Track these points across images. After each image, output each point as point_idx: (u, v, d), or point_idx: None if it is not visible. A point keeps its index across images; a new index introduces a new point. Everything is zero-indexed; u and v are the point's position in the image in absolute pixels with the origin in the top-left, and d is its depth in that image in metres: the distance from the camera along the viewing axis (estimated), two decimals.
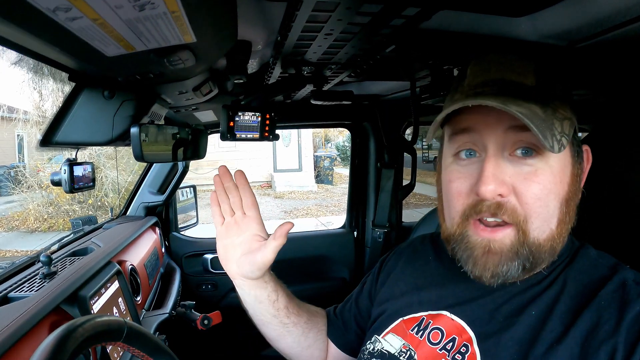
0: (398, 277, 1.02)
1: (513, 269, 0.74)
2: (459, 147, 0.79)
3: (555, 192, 0.73)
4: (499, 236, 0.74)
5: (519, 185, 0.72)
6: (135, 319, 1.55)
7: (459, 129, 0.78)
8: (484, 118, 0.74)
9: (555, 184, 0.73)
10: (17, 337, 0.95)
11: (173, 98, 1.34)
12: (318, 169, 16.13)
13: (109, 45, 0.63)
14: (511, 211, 0.73)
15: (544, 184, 0.72)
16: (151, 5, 0.48)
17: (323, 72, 1.27)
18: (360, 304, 1.12)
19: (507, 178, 0.73)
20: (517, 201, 0.73)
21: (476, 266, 0.76)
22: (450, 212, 0.81)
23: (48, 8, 0.45)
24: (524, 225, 0.73)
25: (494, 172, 0.72)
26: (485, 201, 0.73)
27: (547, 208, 0.73)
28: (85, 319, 0.71)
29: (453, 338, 0.80)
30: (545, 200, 0.72)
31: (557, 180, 0.73)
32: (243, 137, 1.38)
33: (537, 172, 0.72)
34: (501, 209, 0.72)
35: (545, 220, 0.73)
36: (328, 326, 1.16)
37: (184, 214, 2.85)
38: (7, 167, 13.66)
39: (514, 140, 0.72)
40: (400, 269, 1.03)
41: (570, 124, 0.74)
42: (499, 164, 0.73)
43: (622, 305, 0.69)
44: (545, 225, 0.74)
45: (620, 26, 0.73)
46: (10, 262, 1.53)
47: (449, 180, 0.81)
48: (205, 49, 0.78)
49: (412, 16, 0.79)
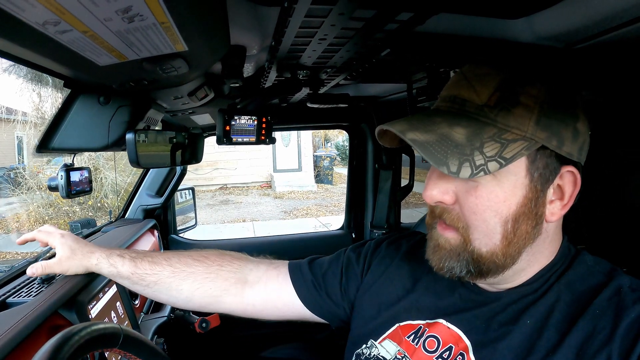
0: (394, 277, 1.01)
1: (457, 268, 0.77)
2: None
3: (494, 210, 0.73)
4: (448, 235, 0.78)
5: (461, 196, 0.75)
6: (133, 323, 1.55)
7: None
8: None
9: (497, 202, 0.73)
10: (15, 342, 0.95)
11: (169, 103, 1.34)
12: (318, 168, 16.11)
13: (101, 55, 0.63)
14: (455, 218, 0.76)
15: (481, 201, 0.73)
16: (140, 17, 0.47)
17: (319, 75, 1.27)
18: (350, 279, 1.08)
19: (453, 187, 0.75)
20: (460, 211, 0.76)
21: (430, 256, 0.82)
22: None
23: (37, 22, 0.45)
24: (464, 233, 0.76)
25: (437, 181, 0.76)
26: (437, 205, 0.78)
27: (484, 223, 0.74)
28: (81, 327, 0.72)
29: (450, 347, 0.80)
30: (482, 215, 0.73)
31: (499, 199, 0.72)
32: (239, 141, 1.38)
33: (478, 188, 0.73)
34: (445, 214, 0.77)
35: (485, 234, 0.74)
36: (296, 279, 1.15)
37: (183, 216, 2.85)
38: (7, 168, 13.64)
39: None
40: (396, 269, 1.02)
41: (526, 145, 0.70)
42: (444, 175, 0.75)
43: (617, 312, 0.69)
44: (487, 239, 0.74)
45: (617, 28, 0.73)
46: (9, 265, 1.52)
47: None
48: (198, 57, 0.78)
49: (406, 21, 0.79)
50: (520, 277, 0.80)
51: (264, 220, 10.80)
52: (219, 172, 15.01)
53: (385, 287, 1.00)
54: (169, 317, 1.80)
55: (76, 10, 0.43)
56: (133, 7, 0.44)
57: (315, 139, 18.84)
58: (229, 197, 13.97)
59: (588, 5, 0.69)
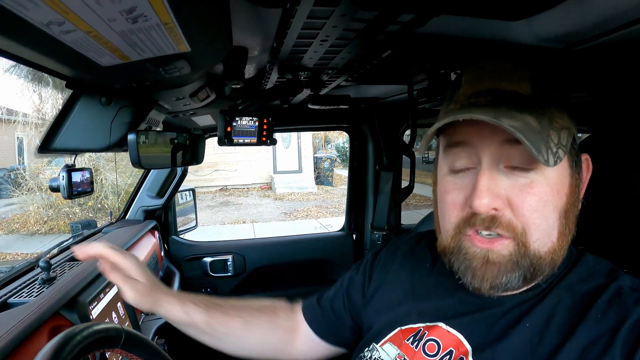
0: (394, 281, 1.00)
1: (513, 280, 0.73)
2: (454, 159, 0.77)
3: (553, 204, 0.71)
4: (497, 247, 0.72)
5: (514, 198, 0.71)
6: (134, 324, 1.55)
7: (454, 142, 0.77)
8: (477, 131, 0.72)
9: (553, 195, 0.71)
10: (16, 343, 0.95)
11: (170, 104, 1.34)
12: (318, 170, 16.12)
13: (104, 55, 0.63)
14: (506, 224, 0.71)
15: (540, 196, 0.71)
16: (144, 17, 0.48)
17: (320, 77, 1.27)
18: (353, 297, 1.08)
19: (502, 191, 0.71)
20: (512, 214, 0.71)
21: (475, 277, 0.74)
22: (444, 224, 0.80)
23: (42, 22, 0.45)
24: (522, 238, 0.71)
25: (488, 186, 0.70)
26: (479, 215, 0.72)
27: (545, 220, 0.71)
28: (83, 327, 0.72)
29: (450, 351, 0.79)
30: (543, 212, 0.71)
31: (554, 191, 0.72)
32: (240, 142, 1.38)
33: (532, 184, 0.70)
34: (495, 223, 0.71)
35: (545, 232, 0.72)
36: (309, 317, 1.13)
37: (184, 217, 2.85)
38: (7, 169, 13.67)
39: (509, 152, 0.71)
40: (396, 272, 1.01)
41: (568, 134, 0.72)
42: (494, 177, 0.71)
43: (618, 315, 0.68)
44: (546, 237, 0.72)
45: (617, 29, 0.73)
46: (10, 266, 1.53)
47: (444, 192, 0.79)
48: (200, 58, 0.79)
49: (407, 22, 0.79)
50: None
51: (264, 221, 10.80)
52: (219, 174, 15.03)
53: (387, 292, 1.00)
54: None
55: (81, 10, 0.43)
56: (137, 7, 0.45)
57: (316, 141, 18.85)
58: (229, 198, 13.97)
59: (588, 7, 0.70)
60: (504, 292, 0.75)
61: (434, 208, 0.88)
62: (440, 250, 0.84)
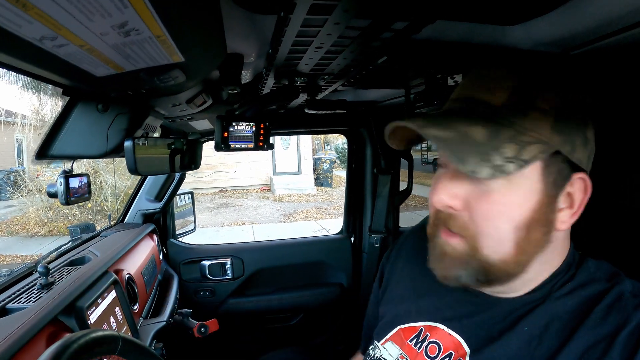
0: (399, 278, 1.03)
1: (464, 276, 0.75)
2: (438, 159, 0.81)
3: (508, 216, 0.71)
4: (454, 242, 0.75)
5: (472, 202, 0.72)
6: (132, 328, 1.55)
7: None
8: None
9: (511, 207, 0.71)
10: (15, 349, 0.95)
11: (167, 110, 1.35)
12: (317, 171, 16.11)
13: (98, 67, 0.63)
14: (461, 225, 0.74)
15: (495, 205, 0.71)
16: (136, 31, 0.48)
17: (316, 82, 1.27)
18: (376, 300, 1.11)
19: (462, 193, 0.73)
20: (468, 217, 0.73)
21: (434, 265, 0.80)
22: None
23: (34, 38, 0.46)
24: (473, 241, 0.73)
25: (447, 185, 0.73)
26: (442, 212, 0.75)
27: (496, 229, 0.71)
28: (80, 334, 0.72)
29: (450, 353, 0.81)
30: (494, 222, 0.71)
31: (513, 204, 0.70)
32: (237, 147, 1.38)
33: (490, 193, 0.71)
34: (450, 222, 0.75)
35: (496, 241, 0.72)
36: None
37: (182, 220, 2.86)
38: (7, 171, 13.65)
39: None
40: (401, 267, 1.04)
41: (541, 148, 0.69)
42: (457, 178, 0.73)
43: (618, 320, 0.68)
44: (498, 246, 0.72)
45: (613, 34, 0.73)
46: (8, 270, 1.53)
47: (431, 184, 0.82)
48: (195, 66, 0.79)
49: (401, 30, 0.79)
50: (528, 286, 0.79)
51: (263, 223, 10.79)
52: (219, 175, 15.01)
53: (393, 288, 1.03)
54: (167, 322, 1.80)
55: (72, 25, 0.43)
56: (129, 22, 0.45)
57: (315, 142, 18.84)
58: (229, 200, 13.96)
59: (584, 12, 0.70)
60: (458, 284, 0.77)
61: None
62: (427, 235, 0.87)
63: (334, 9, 0.64)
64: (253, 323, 2.72)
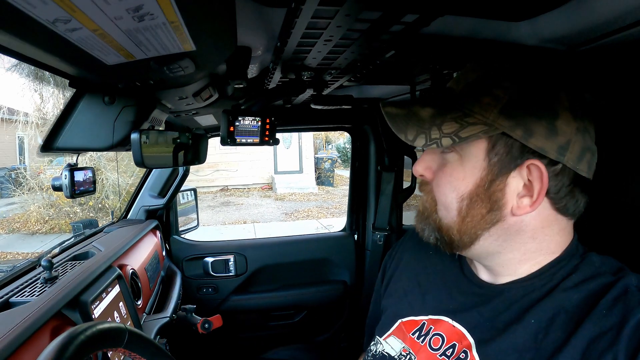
0: (402, 272, 1.05)
1: (427, 231, 0.89)
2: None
3: (453, 186, 0.81)
4: (424, 198, 0.90)
5: (437, 173, 0.85)
6: (136, 323, 1.55)
7: None
8: None
9: (456, 178, 0.81)
10: (19, 342, 0.95)
11: (173, 103, 1.34)
12: (319, 170, 16.12)
13: (109, 54, 0.63)
14: (428, 190, 0.88)
15: (444, 176, 0.83)
16: (150, 16, 0.48)
17: (323, 77, 1.27)
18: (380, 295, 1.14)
19: (434, 165, 0.86)
20: (433, 184, 0.86)
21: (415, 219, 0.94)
22: None
23: (48, 20, 0.45)
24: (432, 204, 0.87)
25: (423, 158, 0.87)
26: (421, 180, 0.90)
27: (444, 196, 0.83)
28: (86, 326, 0.72)
29: (453, 344, 0.81)
30: (443, 189, 0.83)
31: (459, 175, 0.81)
32: (243, 142, 1.38)
33: (445, 164, 0.83)
34: (423, 186, 0.90)
35: (444, 207, 0.84)
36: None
37: (185, 217, 2.86)
38: (8, 169, 13.69)
39: None
40: (404, 264, 1.06)
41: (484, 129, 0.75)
42: (433, 154, 0.86)
43: (623, 313, 0.68)
44: (445, 212, 0.84)
45: (619, 30, 0.73)
46: (11, 265, 1.53)
47: None
48: (205, 57, 0.79)
49: (411, 22, 0.79)
50: (517, 270, 0.82)
51: (264, 222, 10.80)
52: (220, 174, 15.04)
53: (395, 283, 1.04)
54: (171, 318, 1.80)
55: (87, 8, 0.43)
56: (144, 5, 0.45)
57: (317, 141, 18.85)
58: (230, 198, 13.98)
59: (590, 9, 0.70)
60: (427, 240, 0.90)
61: None
62: None
63: (346, 0, 0.63)
64: (256, 320, 2.71)
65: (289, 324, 2.76)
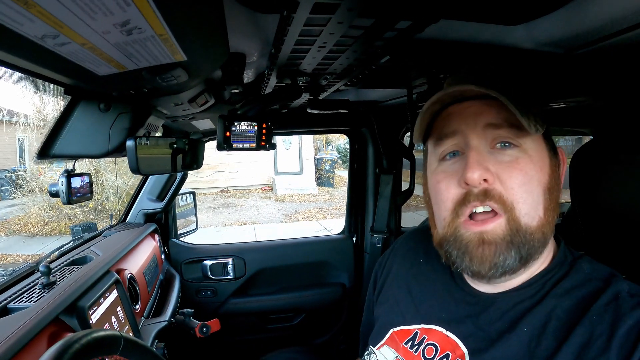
0: (392, 281, 1.03)
1: (510, 259, 0.74)
2: (443, 150, 0.82)
3: (537, 179, 0.76)
4: (491, 227, 0.75)
5: (502, 173, 0.75)
6: (134, 328, 1.55)
7: (443, 134, 0.82)
8: (464, 119, 0.78)
9: (536, 171, 0.76)
10: (16, 349, 0.95)
11: (169, 109, 1.34)
12: (319, 171, 16.10)
13: (100, 65, 0.63)
14: (498, 197, 0.75)
15: (525, 171, 0.75)
16: (138, 29, 0.48)
17: (319, 81, 1.27)
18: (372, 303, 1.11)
19: (491, 166, 0.75)
20: (502, 187, 0.75)
21: (473, 261, 0.76)
22: (440, 212, 0.82)
23: (36, 36, 0.45)
24: (512, 212, 0.74)
25: (478, 160, 0.75)
26: (472, 190, 0.75)
27: (531, 194, 0.75)
28: (82, 334, 0.72)
29: (447, 354, 0.81)
30: (529, 186, 0.75)
31: (537, 168, 0.76)
32: (240, 147, 1.38)
33: (518, 160, 0.75)
34: (488, 196, 0.75)
35: (532, 206, 0.75)
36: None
37: (184, 220, 2.86)
38: (8, 170, 13.68)
39: (493, 136, 0.77)
40: (395, 270, 1.05)
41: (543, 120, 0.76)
42: (482, 154, 0.76)
43: (615, 318, 0.68)
44: (533, 211, 0.75)
45: (617, 34, 0.73)
46: (10, 269, 1.53)
47: (436, 182, 0.83)
48: (197, 65, 0.79)
49: (405, 29, 0.79)
50: (515, 280, 0.81)
51: (265, 223, 10.79)
52: (220, 175, 15.02)
53: (387, 292, 1.03)
54: (169, 322, 1.80)
55: (74, 24, 0.43)
56: (131, 20, 0.45)
57: (317, 142, 18.84)
58: (230, 200, 13.96)
59: (587, 12, 0.70)
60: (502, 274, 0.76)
61: (426, 205, 0.91)
62: (436, 244, 0.86)
63: (338, 8, 0.63)
64: (255, 323, 2.71)
65: (288, 327, 2.76)
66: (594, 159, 0.94)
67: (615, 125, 1.22)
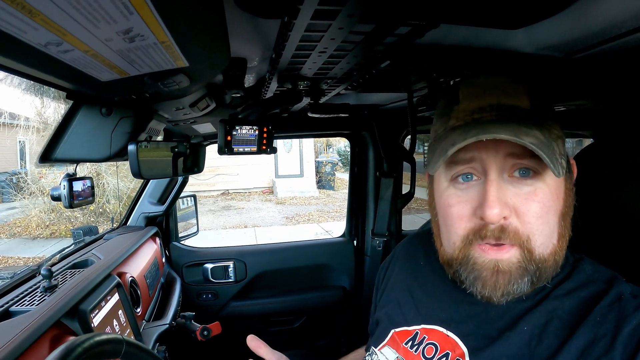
0: (394, 283, 1.03)
1: (522, 286, 0.74)
2: (457, 172, 0.78)
3: (554, 209, 0.74)
4: (506, 256, 0.73)
5: (520, 206, 0.73)
6: (135, 331, 1.55)
7: (460, 159, 0.77)
8: (484, 145, 0.73)
9: (554, 200, 0.74)
10: (18, 352, 0.95)
11: (170, 113, 1.35)
12: (320, 174, 16.10)
13: (103, 72, 0.64)
14: (514, 233, 0.72)
15: (543, 202, 0.72)
16: (141, 37, 0.48)
17: (319, 86, 1.27)
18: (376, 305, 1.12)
19: (509, 199, 0.73)
20: (518, 222, 0.73)
21: (485, 287, 0.75)
22: (450, 236, 0.80)
23: (39, 43, 0.46)
24: (528, 245, 0.73)
25: (498, 195, 0.72)
26: (489, 226, 0.73)
27: (548, 225, 0.73)
28: (84, 338, 0.73)
29: (446, 353, 0.81)
30: (546, 218, 0.73)
31: (554, 197, 0.74)
32: (241, 151, 1.39)
33: (536, 192, 0.73)
34: (504, 233, 0.72)
35: (547, 236, 0.74)
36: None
37: (185, 223, 2.86)
38: (9, 173, 13.70)
39: (512, 163, 0.73)
40: (397, 274, 1.04)
41: (563, 142, 0.75)
42: (501, 186, 0.73)
43: (618, 319, 0.68)
44: (548, 241, 0.74)
45: (616, 38, 0.73)
46: (11, 272, 1.53)
47: (448, 205, 0.80)
48: (199, 71, 0.79)
49: (405, 34, 0.79)
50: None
51: (265, 226, 10.78)
52: (221, 178, 15.03)
53: (388, 294, 1.03)
54: (170, 325, 1.80)
55: (77, 31, 0.43)
56: (134, 28, 0.45)
57: (317, 145, 18.84)
58: (231, 202, 13.96)
59: (587, 16, 0.70)
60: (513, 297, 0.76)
61: (432, 221, 0.89)
62: (444, 262, 0.84)
63: (338, 14, 0.64)
64: (256, 326, 2.71)
65: (289, 330, 2.76)
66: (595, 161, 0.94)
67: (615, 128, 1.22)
